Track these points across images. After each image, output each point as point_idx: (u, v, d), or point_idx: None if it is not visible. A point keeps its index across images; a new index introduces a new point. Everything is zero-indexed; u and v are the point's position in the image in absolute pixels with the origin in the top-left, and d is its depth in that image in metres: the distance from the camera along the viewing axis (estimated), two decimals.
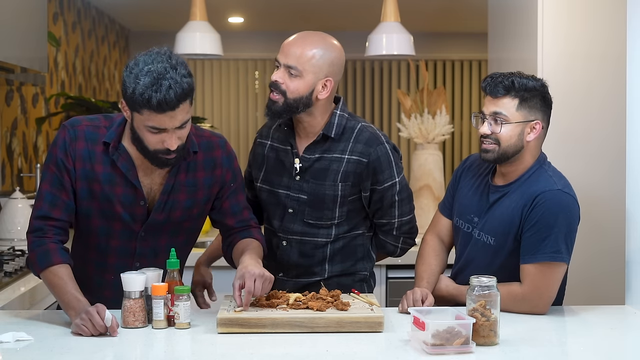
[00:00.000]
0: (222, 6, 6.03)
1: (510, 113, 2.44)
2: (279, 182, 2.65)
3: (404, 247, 2.80)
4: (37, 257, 2.34)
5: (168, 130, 2.24)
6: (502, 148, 2.45)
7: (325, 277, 2.68)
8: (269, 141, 2.70)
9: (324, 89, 2.54)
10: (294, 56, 2.51)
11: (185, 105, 2.23)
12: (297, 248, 2.66)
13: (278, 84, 2.52)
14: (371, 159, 2.59)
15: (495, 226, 2.49)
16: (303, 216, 2.63)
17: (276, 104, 2.53)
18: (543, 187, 2.44)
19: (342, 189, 2.60)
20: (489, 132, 2.46)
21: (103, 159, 2.38)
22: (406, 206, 2.71)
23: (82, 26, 5.69)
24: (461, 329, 2.05)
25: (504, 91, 2.45)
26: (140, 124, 2.25)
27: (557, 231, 2.40)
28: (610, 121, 3.38)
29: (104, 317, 2.16)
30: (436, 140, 4.44)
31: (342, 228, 2.67)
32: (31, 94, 4.58)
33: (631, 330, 2.42)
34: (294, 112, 2.54)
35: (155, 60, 2.23)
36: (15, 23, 3.22)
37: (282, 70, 2.52)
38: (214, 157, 2.48)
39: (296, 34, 2.58)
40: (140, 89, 2.18)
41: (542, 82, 2.50)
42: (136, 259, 2.46)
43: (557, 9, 3.42)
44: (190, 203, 2.46)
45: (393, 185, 2.64)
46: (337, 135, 2.60)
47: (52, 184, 2.38)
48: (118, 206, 2.40)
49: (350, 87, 7.81)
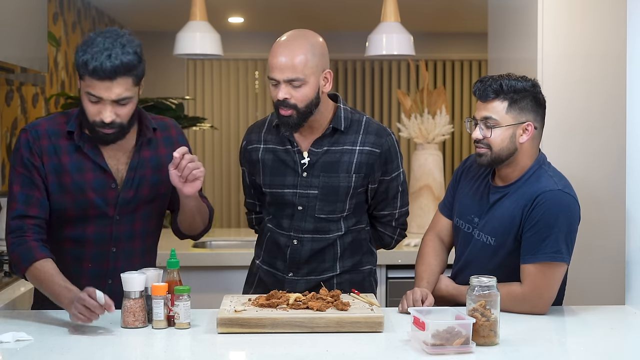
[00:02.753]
0: (222, 6, 6.03)
1: (500, 116, 2.44)
2: (282, 182, 2.66)
3: (398, 238, 2.85)
4: (20, 256, 2.36)
5: (104, 100, 2.33)
6: (495, 152, 2.46)
7: (337, 273, 2.69)
8: (262, 145, 2.70)
9: (326, 82, 2.58)
10: (289, 69, 2.50)
11: (123, 80, 2.31)
12: (308, 246, 2.67)
13: (287, 101, 2.52)
14: (383, 149, 2.65)
15: (496, 227, 2.49)
16: (314, 212, 2.65)
17: (291, 117, 2.54)
18: (543, 187, 2.43)
19: (355, 180, 2.63)
20: (480, 136, 2.47)
21: (68, 149, 2.45)
22: (405, 197, 2.78)
23: (82, 26, 5.69)
24: (461, 329, 2.05)
25: (493, 94, 2.45)
26: (83, 91, 2.35)
27: (557, 231, 2.40)
28: (611, 121, 3.38)
29: (96, 297, 2.18)
30: (436, 140, 4.44)
31: (350, 221, 2.70)
32: (31, 94, 4.58)
33: (631, 330, 2.42)
34: (309, 116, 2.57)
35: (108, 36, 2.34)
36: (15, 23, 3.21)
37: (284, 86, 2.51)
38: (170, 136, 2.59)
39: (277, 44, 2.54)
40: (82, 55, 2.30)
41: (533, 82, 2.49)
42: (112, 244, 2.48)
43: (557, 9, 3.42)
44: (156, 179, 2.52)
45: (398, 175, 2.72)
46: (346, 128, 2.64)
47: (22, 184, 2.42)
48: (90, 192, 2.44)
49: (350, 87, 7.81)
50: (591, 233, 3.24)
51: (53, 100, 4.98)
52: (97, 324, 2.28)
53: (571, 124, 3.41)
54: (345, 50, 7.35)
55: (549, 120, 2.64)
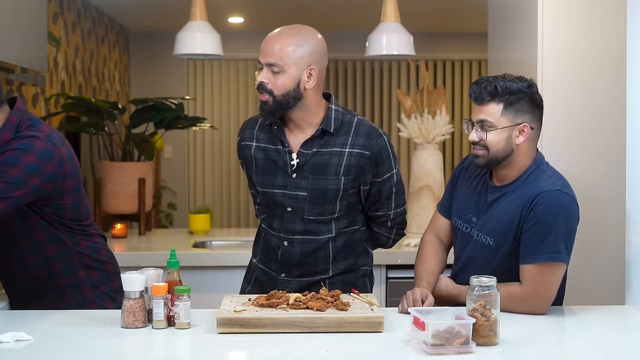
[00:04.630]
0: (222, 6, 6.03)
1: (496, 119, 2.45)
2: (273, 182, 2.65)
3: (395, 238, 2.84)
4: None
5: None
6: (492, 153, 2.47)
7: (329, 275, 2.69)
8: (254, 142, 2.70)
9: (309, 78, 2.56)
10: (272, 54, 2.53)
11: None
12: (298, 247, 2.66)
13: (264, 85, 2.56)
14: (373, 151, 2.62)
15: (495, 227, 2.49)
16: (303, 213, 2.64)
17: (267, 104, 2.57)
18: (542, 187, 2.44)
19: (344, 182, 2.62)
20: (477, 139, 2.48)
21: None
22: (401, 197, 2.76)
23: (82, 26, 5.69)
24: (461, 329, 2.05)
25: (488, 97, 2.45)
26: None
27: (556, 231, 2.40)
28: (611, 121, 3.38)
29: None
30: (436, 140, 4.44)
31: (342, 222, 2.68)
32: (31, 94, 4.58)
33: (631, 330, 2.42)
34: (286, 107, 2.56)
35: None
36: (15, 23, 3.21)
37: (265, 70, 2.56)
38: None
39: (271, 32, 2.60)
40: None
41: (529, 82, 2.48)
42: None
43: (557, 9, 3.42)
44: None
45: (391, 176, 2.69)
46: (335, 130, 2.62)
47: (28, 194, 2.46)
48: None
49: (350, 87, 7.81)
50: (591, 233, 3.24)
51: (53, 100, 4.97)
52: (97, 324, 2.28)
53: (571, 124, 3.41)
54: (345, 50, 7.36)
55: (548, 120, 2.64)
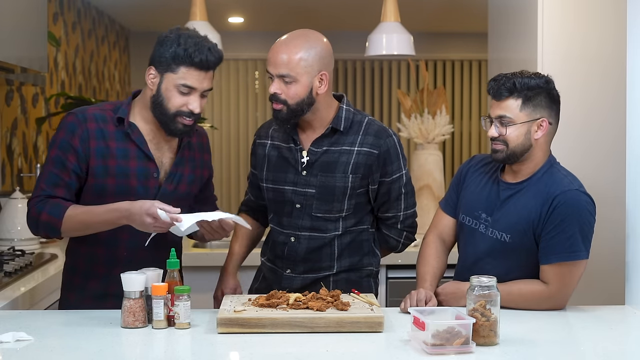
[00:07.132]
0: (222, 6, 6.03)
1: (515, 114, 2.48)
2: (284, 179, 2.68)
3: (405, 242, 2.83)
4: (49, 213, 2.43)
5: (196, 91, 2.45)
6: (511, 148, 2.50)
7: (334, 272, 2.70)
8: (269, 140, 2.74)
9: (321, 84, 2.59)
10: (282, 64, 2.55)
11: (212, 73, 2.49)
12: (305, 244, 2.68)
13: (277, 95, 2.58)
14: (382, 150, 2.65)
15: (512, 223, 2.51)
16: (311, 210, 2.66)
17: (280, 112, 2.60)
18: (561, 187, 2.47)
19: (352, 180, 2.64)
20: (496, 134, 2.51)
21: (116, 135, 2.51)
22: (411, 199, 2.77)
23: (82, 26, 5.69)
24: (461, 329, 2.05)
25: (507, 93, 2.49)
26: (171, 84, 2.44)
27: (578, 230, 2.45)
28: (610, 121, 3.38)
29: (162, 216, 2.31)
30: (436, 140, 4.44)
31: (349, 221, 2.70)
32: (31, 94, 4.58)
33: (631, 330, 2.42)
34: (300, 114, 2.60)
35: (188, 32, 2.47)
36: (15, 23, 3.22)
37: (277, 81, 2.58)
38: (203, 142, 2.72)
39: (278, 41, 2.60)
40: (183, 47, 2.41)
41: (546, 78, 2.53)
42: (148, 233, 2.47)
43: (557, 9, 3.42)
44: (192, 178, 2.63)
45: (400, 177, 2.71)
46: (345, 129, 2.65)
47: (54, 164, 2.48)
48: (133, 179, 2.51)
49: (350, 87, 7.81)
50: None
51: (53, 100, 4.98)
52: (97, 324, 2.28)
53: (571, 124, 3.40)
54: (345, 50, 7.35)
55: None
